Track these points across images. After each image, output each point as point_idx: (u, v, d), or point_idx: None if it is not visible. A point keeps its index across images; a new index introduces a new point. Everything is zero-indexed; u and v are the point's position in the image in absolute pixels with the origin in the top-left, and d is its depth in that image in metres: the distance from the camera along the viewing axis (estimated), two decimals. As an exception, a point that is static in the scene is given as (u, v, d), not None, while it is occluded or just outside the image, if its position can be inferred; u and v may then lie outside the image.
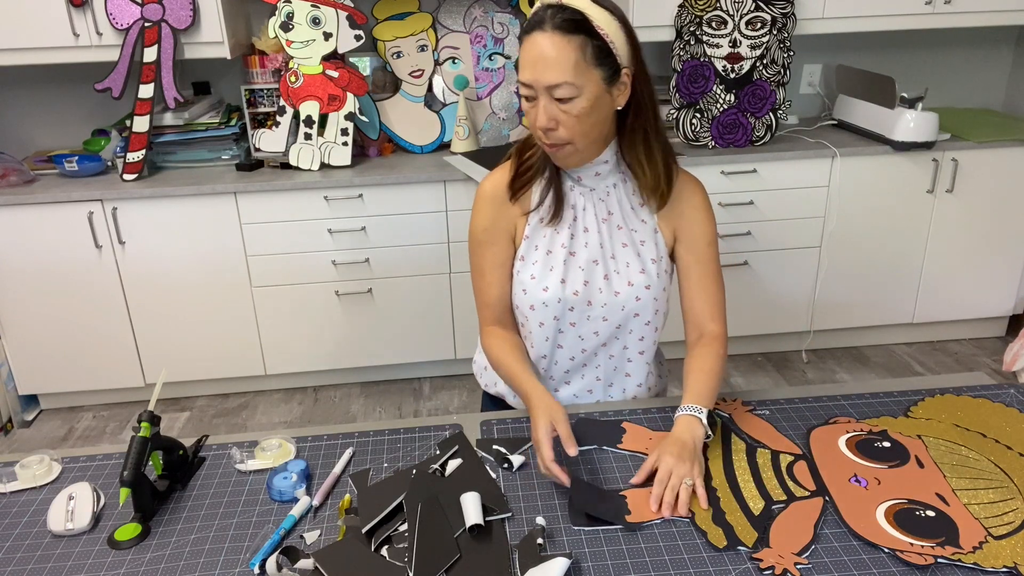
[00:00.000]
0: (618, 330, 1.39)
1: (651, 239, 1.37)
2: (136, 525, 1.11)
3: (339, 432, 1.34)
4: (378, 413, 2.94)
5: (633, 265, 1.36)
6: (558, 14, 1.18)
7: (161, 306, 2.84)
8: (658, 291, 1.37)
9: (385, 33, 3.00)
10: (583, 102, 1.20)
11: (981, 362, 3.16)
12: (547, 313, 1.37)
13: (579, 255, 1.36)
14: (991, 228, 3.05)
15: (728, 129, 2.89)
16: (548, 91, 1.19)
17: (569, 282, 1.35)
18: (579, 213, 1.36)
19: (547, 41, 1.17)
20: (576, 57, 1.17)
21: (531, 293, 1.36)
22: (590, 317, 1.37)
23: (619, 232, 1.36)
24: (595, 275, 1.36)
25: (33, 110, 3.08)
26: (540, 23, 1.18)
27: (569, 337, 1.40)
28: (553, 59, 1.17)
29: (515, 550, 1.05)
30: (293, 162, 2.84)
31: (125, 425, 2.91)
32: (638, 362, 1.44)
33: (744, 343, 3.23)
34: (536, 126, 1.23)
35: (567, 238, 1.35)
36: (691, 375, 1.32)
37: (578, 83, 1.19)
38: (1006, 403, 1.36)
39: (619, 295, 1.36)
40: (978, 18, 2.90)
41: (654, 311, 1.38)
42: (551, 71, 1.18)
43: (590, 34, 1.18)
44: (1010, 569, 0.99)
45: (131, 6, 2.63)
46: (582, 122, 1.22)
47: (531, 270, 1.37)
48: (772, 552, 1.03)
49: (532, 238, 1.37)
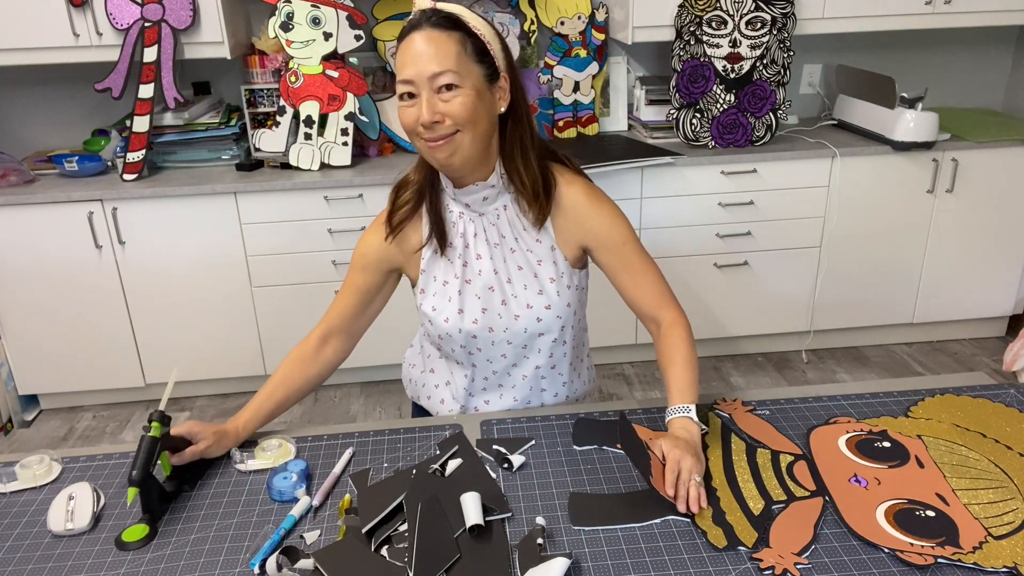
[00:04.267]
0: (525, 350, 1.39)
1: (548, 258, 1.35)
2: (144, 526, 1.12)
3: (339, 432, 1.34)
4: (378, 413, 2.94)
5: (531, 287, 1.35)
6: (434, 15, 1.19)
7: (161, 306, 2.84)
8: (561, 308, 1.36)
9: (385, 33, 3.00)
10: (467, 92, 1.19)
11: (981, 362, 3.16)
12: (453, 342, 1.38)
13: (474, 283, 1.35)
14: (991, 228, 3.05)
15: (728, 129, 2.89)
16: (430, 82, 1.17)
17: (467, 311, 1.35)
18: (470, 240, 1.34)
19: (426, 37, 1.18)
20: (457, 49, 1.18)
21: (436, 324, 1.37)
22: (494, 343, 1.37)
23: (512, 255, 1.35)
24: (492, 301, 1.35)
25: (33, 110, 3.08)
26: (416, 25, 1.19)
27: (479, 359, 1.40)
28: (434, 52, 1.17)
29: (515, 550, 1.05)
30: (293, 162, 2.84)
31: (125, 425, 2.91)
32: (552, 377, 1.44)
33: (744, 343, 3.23)
34: (419, 122, 1.19)
35: (460, 267, 1.35)
36: (667, 372, 1.30)
37: (461, 73, 1.18)
38: (1006, 403, 1.36)
39: (519, 318, 1.35)
40: (978, 18, 2.90)
41: (559, 328, 1.37)
42: (433, 62, 1.17)
43: (467, 33, 1.20)
44: (1010, 569, 0.99)
45: (131, 6, 2.63)
46: (468, 110, 1.19)
47: (431, 302, 1.37)
48: (772, 552, 1.03)
49: (428, 271, 1.37)
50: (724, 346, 3.22)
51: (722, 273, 2.98)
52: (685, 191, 2.84)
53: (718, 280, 2.99)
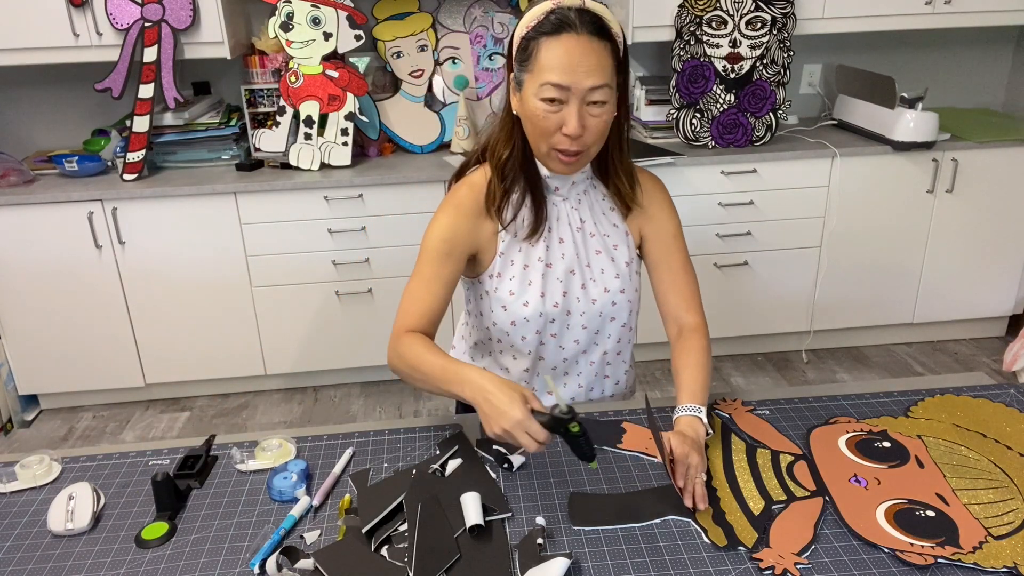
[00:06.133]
0: (596, 336, 1.40)
1: (623, 242, 1.38)
2: (163, 524, 1.12)
3: (339, 432, 1.34)
4: (378, 413, 2.94)
5: (608, 271, 1.36)
6: (586, 17, 1.16)
7: (161, 306, 2.84)
8: (632, 293, 1.39)
9: (385, 33, 3.00)
10: (610, 108, 1.20)
11: (981, 362, 3.16)
12: (529, 328, 1.35)
13: (556, 266, 1.35)
14: (991, 228, 3.05)
15: (728, 129, 2.89)
16: (586, 95, 1.16)
17: (548, 295, 1.34)
18: (553, 224, 1.35)
19: (586, 44, 1.15)
20: (611, 63, 1.18)
21: (511, 310, 1.34)
22: (570, 327, 1.37)
23: (592, 239, 1.36)
24: (573, 285, 1.35)
25: (33, 110, 3.08)
26: (570, 25, 1.15)
27: (550, 348, 1.40)
28: (595, 64, 1.15)
29: (515, 550, 1.05)
30: (293, 162, 2.84)
31: (125, 425, 2.91)
32: (616, 364, 1.45)
33: (744, 343, 3.23)
34: (564, 132, 1.18)
35: (543, 251, 1.34)
36: (681, 373, 1.31)
37: (611, 88, 1.19)
38: (1006, 403, 1.36)
39: (596, 302, 1.36)
40: (978, 18, 2.91)
41: (629, 312, 1.40)
42: (594, 74, 1.15)
43: (612, 40, 1.18)
44: (1010, 569, 0.99)
45: (131, 6, 2.63)
46: (604, 128, 1.21)
47: (509, 286, 1.33)
48: (772, 552, 1.03)
49: (507, 254, 1.34)
50: (724, 346, 3.22)
51: (722, 273, 2.98)
52: (685, 191, 2.84)
53: (718, 280, 2.99)
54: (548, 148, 1.22)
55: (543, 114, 1.18)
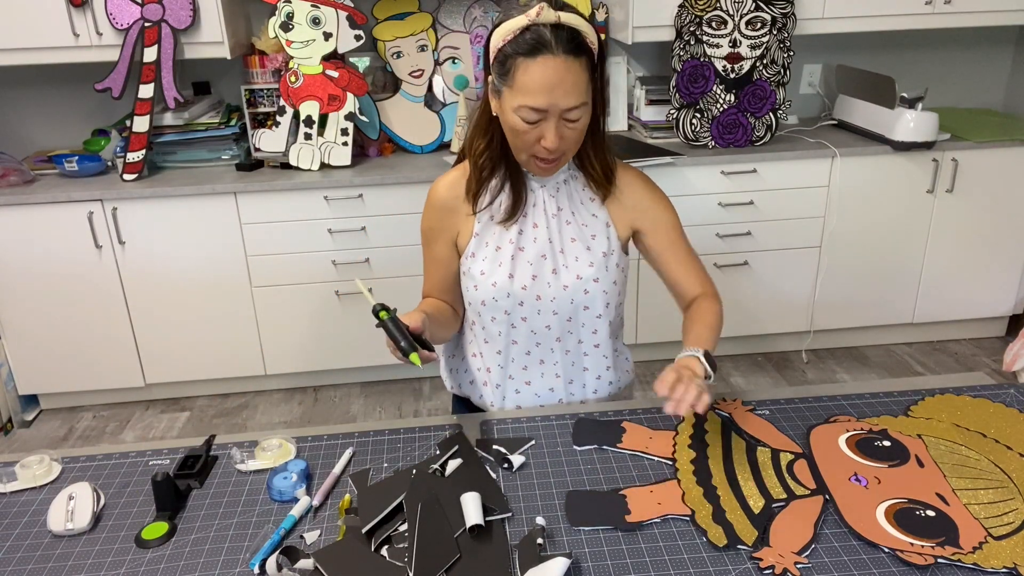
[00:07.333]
0: (569, 323, 1.41)
1: (603, 233, 1.39)
2: (163, 524, 1.12)
3: (339, 432, 1.34)
4: (378, 413, 2.94)
5: (582, 258, 1.38)
6: (562, 34, 1.17)
7: (161, 306, 2.84)
8: (608, 284, 1.39)
9: (385, 33, 3.00)
10: (586, 115, 1.24)
11: (981, 362, 3.16)
12: (497, 308, 1.39)
13: (528, 250, 1.38)
14: (991, 228, 3.05)
15: (728, 129, 2.89)
16: (562, 113, 1.20)
17: (517, 276, 1.37)
18: (530, 209, 1.38)
19: (561, 65, 1.17)
20: (587, 78, 1.20)
21: (481, 289, 1.39)
22: (540, 311, 1.39)
23: (568, 227, 1.39)
24: (543, 269, 1.38)
25: (33, 110, 3.08)
26: (546, 45, 1.17)
27: (522, 332, 1.42)
28: (571, 84, 1.18)
29: (515, 550, 1.05)
30: (293, 162, 2.84)
31: (125, 425, 2.91)
32: (594, 355, 1.46)
33: (744, 343, 3.23)
34: (543, 146, 1.23)
35: (515, 234, 1.37)
36: (689, 328, 1.35)
37: (587, 102, 1.22)
38: (1006, 403, 1.36)
39: (567, 288, 1.38)
40: (978, 18, 2.90)
41: (604, 304, 1.40)
42: (571, 95, 1.19)
43: (588, 52, 1.20)
44: (1010, 569, 0.99)
45: (131, 6, 2.63)
46: (582, 134, 1.26)
47: (480, 266, 1.39)
48: (772, 551, 1.03)
49: (482, 235, 1.39)
50: (724, 346, 3.22)
51: (722, 273, 2.98)
52: (685, 191, 2.84)
53: (718, 280, 2.93)
54: (527, 156, 1.28)
55: (522, 129, 1.23)
